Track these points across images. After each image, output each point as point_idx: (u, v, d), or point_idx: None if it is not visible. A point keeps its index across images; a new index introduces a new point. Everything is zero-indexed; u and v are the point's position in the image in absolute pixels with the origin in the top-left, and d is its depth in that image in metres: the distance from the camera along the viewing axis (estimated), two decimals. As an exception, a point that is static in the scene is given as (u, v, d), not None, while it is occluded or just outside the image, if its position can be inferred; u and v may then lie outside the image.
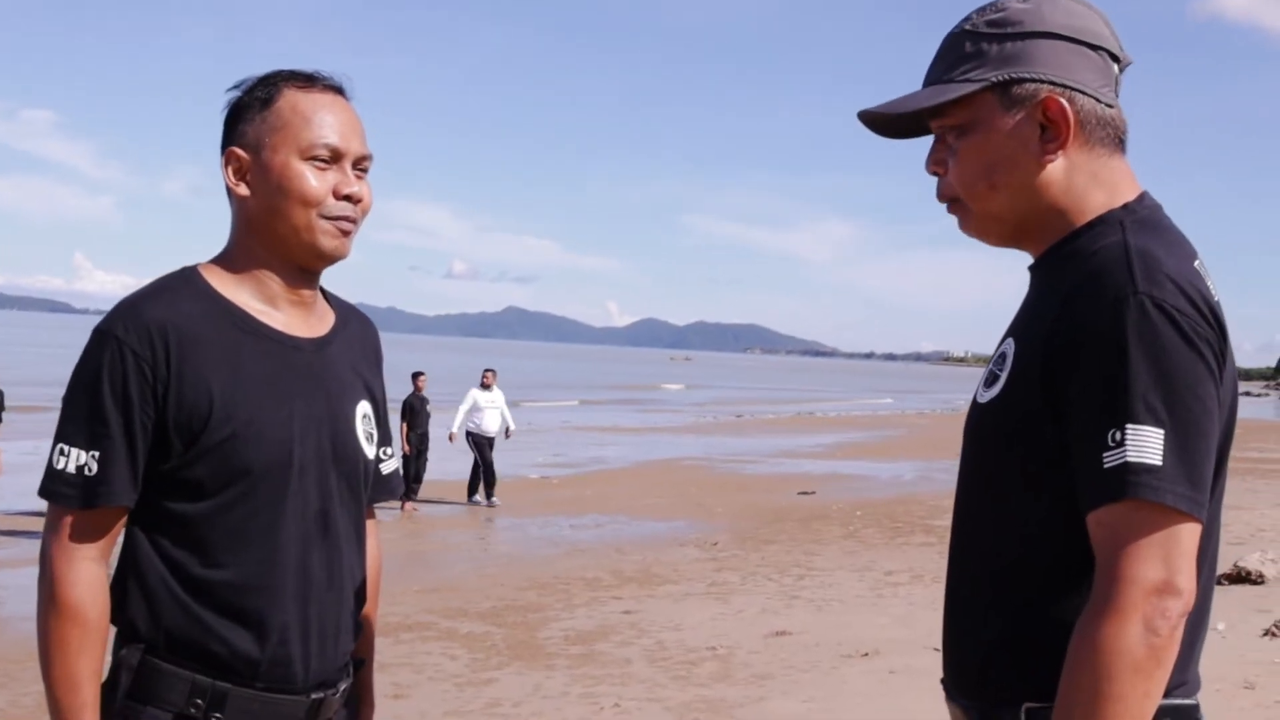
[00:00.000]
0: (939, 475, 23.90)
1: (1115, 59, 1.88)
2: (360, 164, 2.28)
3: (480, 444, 18.78)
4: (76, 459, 2.13)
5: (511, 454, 26.69)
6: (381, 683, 8.02)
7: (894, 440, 35.33)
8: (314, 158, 2.22)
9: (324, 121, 2.24)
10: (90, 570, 2.15)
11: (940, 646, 1.98)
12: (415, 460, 18.11)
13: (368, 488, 2.40)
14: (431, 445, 18.90)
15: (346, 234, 2.27)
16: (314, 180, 2.22)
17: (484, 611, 10.53)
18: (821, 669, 8.44)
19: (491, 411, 19.11)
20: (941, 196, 1.94)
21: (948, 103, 1.85)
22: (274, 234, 2.24)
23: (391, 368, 3.03)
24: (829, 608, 10.73)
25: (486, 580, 12.21)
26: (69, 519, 2.15)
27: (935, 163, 1.93)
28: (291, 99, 2.25)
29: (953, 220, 1.96)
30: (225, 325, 2.21)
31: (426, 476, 18.59)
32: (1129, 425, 1.65)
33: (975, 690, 1.86)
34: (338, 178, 2.24)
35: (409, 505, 17.64)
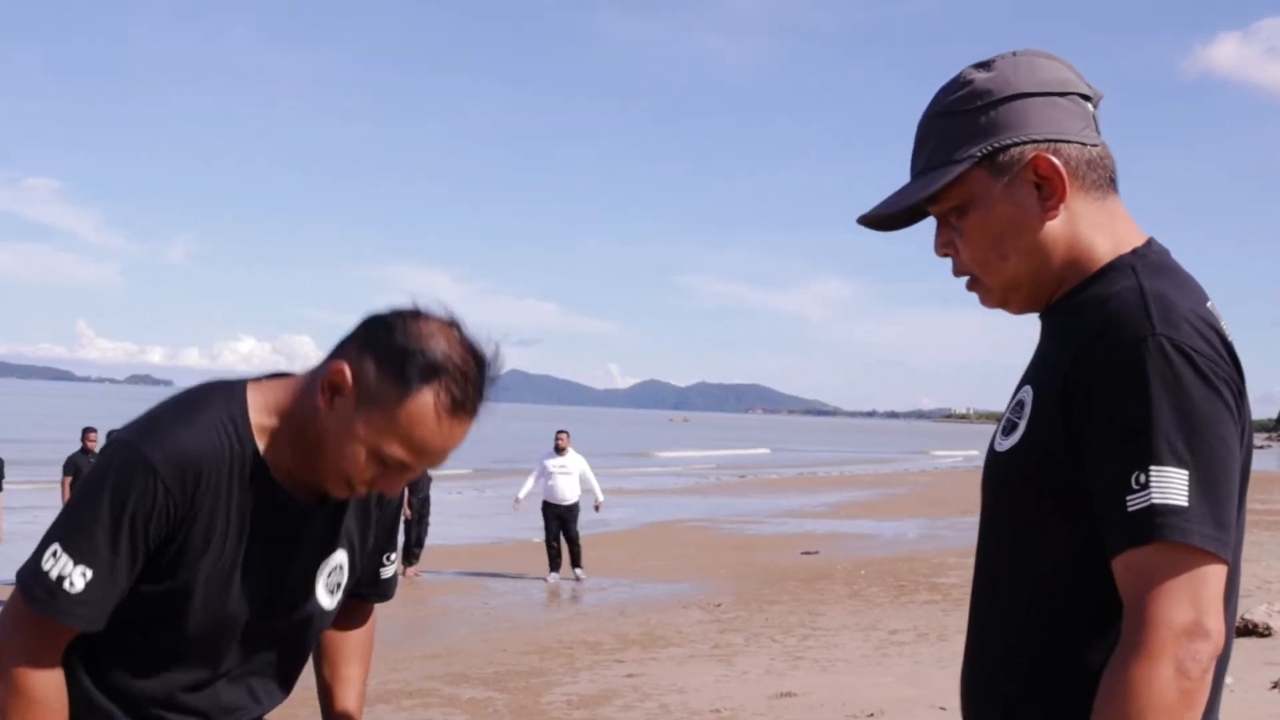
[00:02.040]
0: (943, 532, 23.80)
1: (1087, 98, 1.89)
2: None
3: (550, 513, 17.58)
4: (64, 568, 2.06)
5: (512, 518, 26.59)
6: (382, 751, 7.95)
7: (897, 498, 35.23)
8: (384, 459, 2.12)
9: (422, 446, 2.10)
10: (53, 673, 2.12)
11: (948, 704, 1.96)
12: (417, 525, 17.92)
13: (314, 638, 2.42)
14: (434, 509, 18.65)
15: (361, 494, 2.24)
16: (364, 469, 2.13)
17: (486, 677, 10.44)
18: (827, 730, 8.34)
19: (564, 477, 17.62)
20: (957, 274, 1.96)
21: (941, 188, 1.86)
22: (310, 452, 2.18)
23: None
24: (834, 668, 10.64)
25: (488, 645, 12.12)
26: (37, 622, 2.09)
27: (943, 245, 1.94)
28: (422, 407, 2.06)
29: (949, 276, 1.97)
30: (247, 481, 2.17)
31: (428, 541, 18.40)
32: (1153, 467, 1.64)
33: None
34: (386, 475, 2.16)
35: (411, 570, 17.52)
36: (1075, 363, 1.74)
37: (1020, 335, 1.95)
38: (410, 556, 17.71)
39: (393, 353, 2.07)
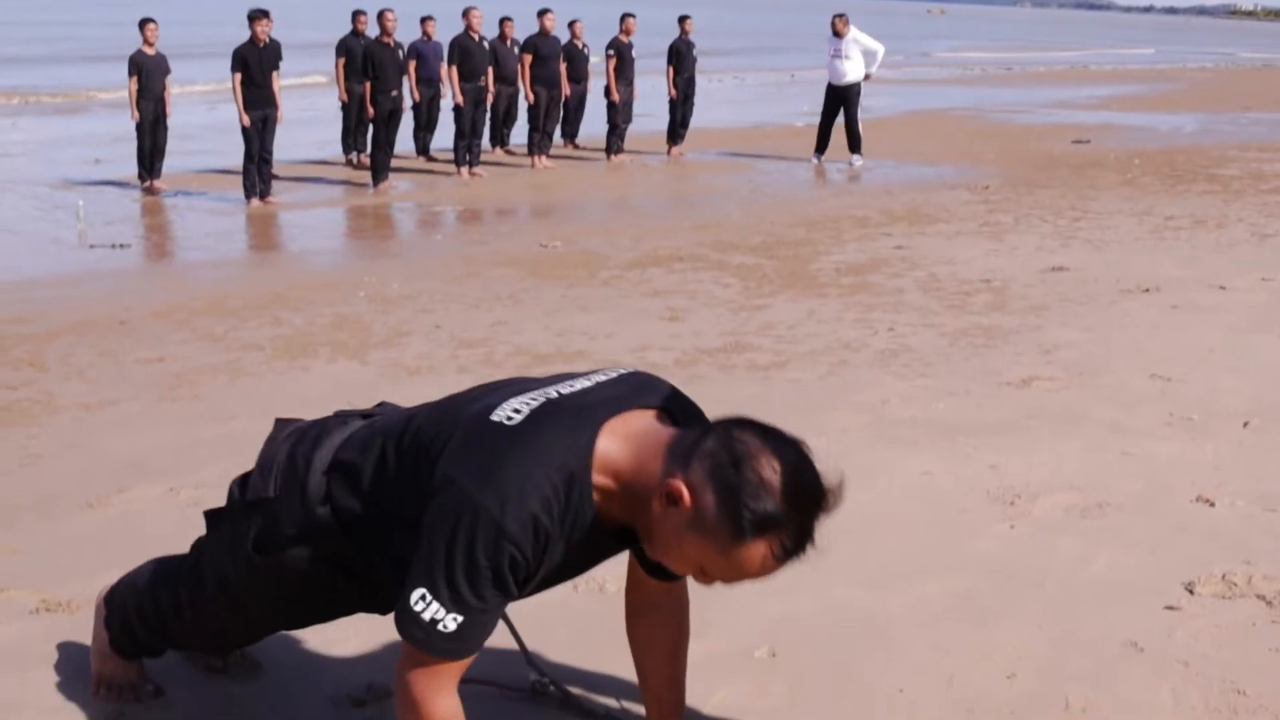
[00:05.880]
0: (1223, 127, 22.74)
1: None
2: None
3: (829, 94, 17.15)
4: (435, 612, 2.26)
5: (774, 105, 26.46)
6: (657, 306, 8.28)
7: (1173, 93, 33.56)
8: (705, 570, 2.26)
9: (742, 577, 2.23)
10: (454, 702, 2.38)
11: (1228, 284, 1.90)
12: (682, 106, 17.93)
13: None
14: (697, 96, 18.53)
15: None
16: (682, 569, 2.33)
17: (754, 246, 10.64)
18: (1100, 302, 8.31)
19: (840, 61, 16.94)
20: None
21: None
22: (638, 516, 2.29)
23: (659, 14, 2.91)
24: (1107, 248, 10.47)
25: (754, 218, 12.30)
26: (447, 668, 2.34)
27: None
28: (752, 555, 2.17)
29: None
30: (584, 534, 2.31)
31: (692, 123, 18.43)
32: None
33: None
34: (703, 576, 2.28)
35: (675, 150, 17.73)
36: None
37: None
38: (675, 136, 17.89)
39: (733, 497, 2.13)
